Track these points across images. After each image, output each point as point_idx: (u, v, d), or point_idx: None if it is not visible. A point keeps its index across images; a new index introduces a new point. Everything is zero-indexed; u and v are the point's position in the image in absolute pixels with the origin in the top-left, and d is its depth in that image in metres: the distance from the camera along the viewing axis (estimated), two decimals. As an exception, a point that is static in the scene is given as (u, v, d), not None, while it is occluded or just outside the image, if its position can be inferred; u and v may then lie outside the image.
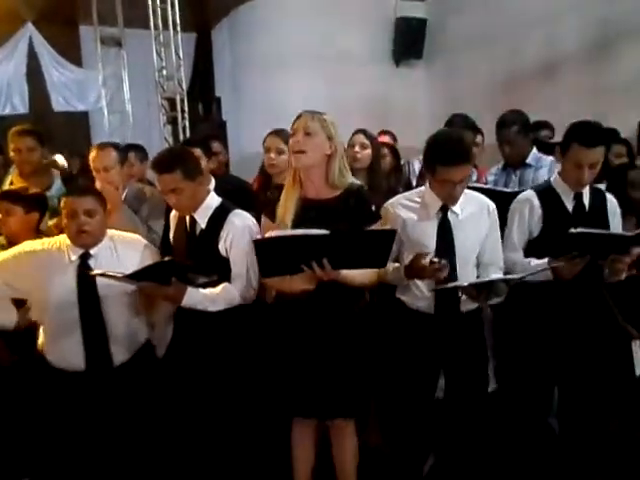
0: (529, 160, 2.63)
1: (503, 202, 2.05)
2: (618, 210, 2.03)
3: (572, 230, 1.75)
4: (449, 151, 1.77)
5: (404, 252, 1.93)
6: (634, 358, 2.23)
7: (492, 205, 1.95)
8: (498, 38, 5.39)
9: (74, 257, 1.85)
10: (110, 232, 1.94)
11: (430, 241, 1.86)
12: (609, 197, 2.04)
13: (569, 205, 1.97)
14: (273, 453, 2.13)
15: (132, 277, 1.73)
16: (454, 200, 1.85)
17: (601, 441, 2.19)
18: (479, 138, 2.77)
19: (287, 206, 1.79)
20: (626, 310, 2.26)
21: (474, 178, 2.70)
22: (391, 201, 1.99)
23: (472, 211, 1.90)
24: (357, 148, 2.52)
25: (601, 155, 1.88)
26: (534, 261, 1.95)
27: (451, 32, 6.07)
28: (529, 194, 2.03)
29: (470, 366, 1.93)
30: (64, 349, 1.85)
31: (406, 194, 2.02)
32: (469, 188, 1.97)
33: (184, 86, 5.62)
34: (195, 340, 1.95)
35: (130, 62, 5.69)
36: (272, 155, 2.42)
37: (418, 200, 1.93)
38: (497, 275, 1.88)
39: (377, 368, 1.95)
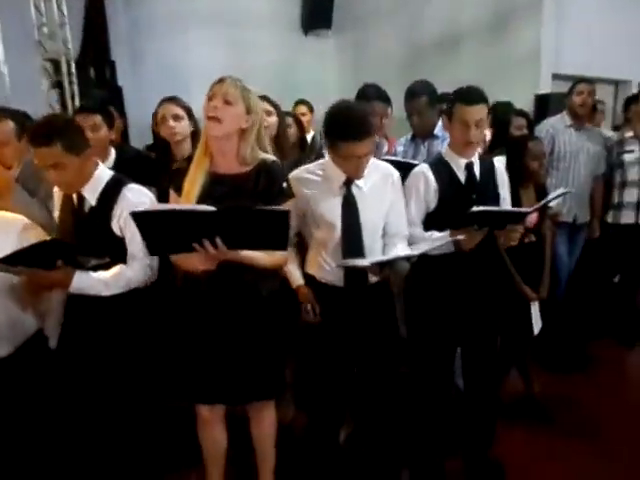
0: (436, 131, 2.66)
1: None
2: (506, 178, 2.09)
3: (474, 209, 1.77)
4: (351, 126, 1.68)
5: (311, 228, 1.89)
6: (532, 319, 2.40)
7: (396, 174, 1.93)
8: (403, 10, 5.45)
9: None
10: None
11: (335, 217, 1.82)
12: (497, 166, 2.09)
13: (461, 176, 1.99)
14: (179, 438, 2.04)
15: (5, 261, 1.50)
16: (360, 174, 1.80)
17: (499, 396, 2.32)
18: (389, 110, 2.76)
19: (194, 180, 1.63)
20: (524, 274, 2.40)
21: (385, 149, 2.69)
22: (294, 174, 1.89)
23: (375, 181, 1.86)
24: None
25: (484, 113, 1.92)
26: (436, 234, 1.96)
27: (359, 2, 6.03)
28: (423, 168, 2.03)
29: (381, 336, 1.94)
30: None
31: (308, 167, 1.91)
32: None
33: (71, 46, 5.03)
34: (89, 328, 1.77)
35: (4, 17, 4.98)
36: (171, 123, 2.30)
37: (320, 174, 1.85)
38: (399, 251, 1.87)
39: (292, 345, 1.90)
